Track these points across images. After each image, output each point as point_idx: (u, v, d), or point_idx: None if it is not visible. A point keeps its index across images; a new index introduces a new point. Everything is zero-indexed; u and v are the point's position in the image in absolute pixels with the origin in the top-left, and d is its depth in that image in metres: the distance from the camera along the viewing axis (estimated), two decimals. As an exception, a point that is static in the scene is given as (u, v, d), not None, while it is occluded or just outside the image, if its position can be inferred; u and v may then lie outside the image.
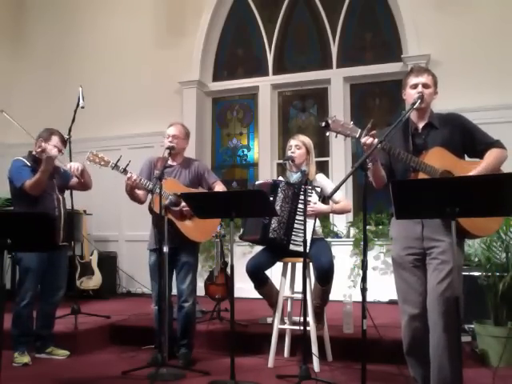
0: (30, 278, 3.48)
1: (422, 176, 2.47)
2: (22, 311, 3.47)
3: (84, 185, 3.71)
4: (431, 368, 2.45)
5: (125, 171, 3.32)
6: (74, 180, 3.72)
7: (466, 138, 2.58)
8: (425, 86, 2.56)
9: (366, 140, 2.38)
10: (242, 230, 3.59)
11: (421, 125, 2.63)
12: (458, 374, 2.25)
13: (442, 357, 2.40)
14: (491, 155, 2.52)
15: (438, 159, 2.48)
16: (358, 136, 2.44)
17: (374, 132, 2.40)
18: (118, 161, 3.32)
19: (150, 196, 3.49)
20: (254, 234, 3.51)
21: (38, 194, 3.43)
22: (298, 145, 3.57)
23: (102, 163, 3.36)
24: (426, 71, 2.63)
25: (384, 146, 2.42)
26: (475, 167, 2.51)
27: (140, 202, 3.53)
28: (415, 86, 2.57)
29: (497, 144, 2.56)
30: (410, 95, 2.59)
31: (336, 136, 2.51)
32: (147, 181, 3.38)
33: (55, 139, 3.57)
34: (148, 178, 3.46)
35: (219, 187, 3.61)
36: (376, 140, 2.38)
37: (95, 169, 3.46)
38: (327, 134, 2.51)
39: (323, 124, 2.47)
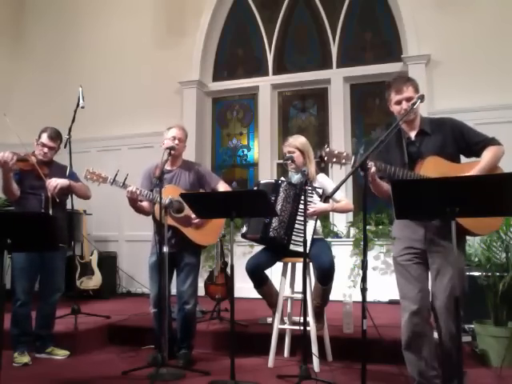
0: (22, 278, 3.49)
1: None
2: (19, 311, 3.48)
3: (79, 196, 3.83)
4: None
5: (124, 185, 3.29)
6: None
7: (459, 140, 2.59)
8: (408, 99, 2.57)
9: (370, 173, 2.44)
10: (244, 229, 3.58)
11: (413, 134, 2.65)
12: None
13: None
14: (488, 153, 2.53)
15: (433, 168, 2.50)
16: (352, 163, 2.48)
17: (371, 164, 2.43)
18: (115, 176, 3.30)
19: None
20: (255, 233, 3.51)
21: (12, 198, 3.50)
22: (290, 150, 3.56)
23: (100, 180, 3.35)
24: (405, 84, 2.59)
25: (379, 168, 2.47)
26: (473, 168, 2.52)
27: (146, 213, 3.49)
28: (399, 103, 2.59)
29: (493, 141, 2.57)
30: (397, 110, 2.61)
31: (331, 166, 2.54)
32: (147, 191, 3.34)
33: (43, 136, 3.64)
34: (149, 189, 3.39)
35: (222, 187, 3.60)
36: (373, 169, 2.44)
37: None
38: (322, 165, 2.56)
39: (318, 159, 2.52)
